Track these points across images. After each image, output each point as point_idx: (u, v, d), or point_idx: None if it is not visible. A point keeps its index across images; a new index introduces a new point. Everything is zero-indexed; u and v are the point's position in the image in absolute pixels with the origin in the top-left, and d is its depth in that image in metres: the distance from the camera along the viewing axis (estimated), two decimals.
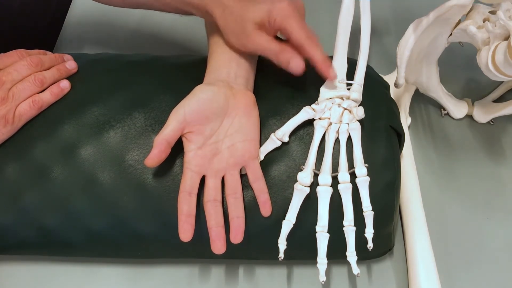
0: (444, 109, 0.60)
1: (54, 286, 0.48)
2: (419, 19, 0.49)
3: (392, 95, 0.52)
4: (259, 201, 0.43)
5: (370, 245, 0.43)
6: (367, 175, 0.44)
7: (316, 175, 0.44)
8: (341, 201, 0.44)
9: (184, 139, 0.43)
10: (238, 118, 0.44)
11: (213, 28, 0.50)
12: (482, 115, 0.59)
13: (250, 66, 0.47)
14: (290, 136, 0.45)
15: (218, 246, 0.41)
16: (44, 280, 0.49)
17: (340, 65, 0.48)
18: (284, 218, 0.43)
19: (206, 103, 0.43)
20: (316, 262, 0.43)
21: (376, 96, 0.49)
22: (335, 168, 0.45)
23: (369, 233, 0.44)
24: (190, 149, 0.43)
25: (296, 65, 0.43)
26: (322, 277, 0.43)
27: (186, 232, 0.41)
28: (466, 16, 0.50)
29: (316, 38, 0.43)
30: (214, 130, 0.43)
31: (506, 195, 0.55)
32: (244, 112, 0.44)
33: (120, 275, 0.49)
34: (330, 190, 0.43)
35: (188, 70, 0.50)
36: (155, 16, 0.71)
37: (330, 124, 0.45)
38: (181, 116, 0.42)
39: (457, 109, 0.59)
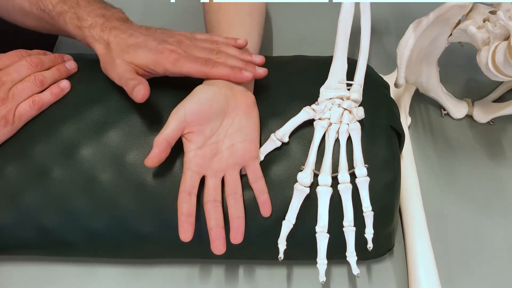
0: (444, 109, 0.60)
1: (54, 286, 0.48)
2: (419, 19, 0.49)
3: (392, 95, 0.52)
4: (259, 202, 0.43)
5: (370, 245, 0.43)
6: (367, 175, 0.44)
7: (316, 176, 0.44)
8: (341, 202, 0.44)
9: (184, 139, 0.43)
10: (238, 118, 0.44)
11: (213, 29, 0.50)
12: (482, 115, 0.59)
13: None
14: (290, 136, 0.45)
15: (218, 246, 0.41)
16: (44, 280, 0.49)
17: (340, 65, 0.48)
18: (284, 218, 0.43)
19: (207, 103, 0.43)
20: (316, 262, 0.43)
21: (376, 96, 0.49)
22: (335, 168, 0.45)
23: (369, 233, 0.44)
24: (190, 149, 0.43)
25: (137, 91, 0.41)
26: (322, 277, 0.43)
27: (186, 232, 0.41)
28: (466, 16, 0.50)
29: (211, 60, 0.44)
30: (214, 130, 0.43)
31: (506, 195, 0.54)
32: (244, 112, 0.44)
33: (120, 275, 0.49)
34: (330, 190, 0.43)
35: None
36: (155, 16, 0.71)
37: (330, 124, 0.45)
38: (182, 116, 0.42)
39: (457, 109, 0.59)
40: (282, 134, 0.45)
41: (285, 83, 0.49)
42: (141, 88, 0.41)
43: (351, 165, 0.44)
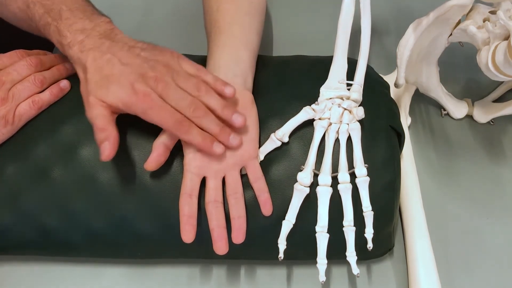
0: (444, 109, 0.60)
1: (54, 286, 0.48)
2: (419, 19, 0.49)
3: (392, 95, 0.52)
4: (260, 201, 0.43)
5: (370, 245, 0.43)
6: (367, 175, 0.44)
7: (316, 175, 0.44)
8: (341, 201, 0.44)
9: (183, 142, 0.43)
10: None
11: (212, 29, 0.50)
12: (482, 115, 0.59)
13: (248, 66, 0.47)
14: (290, 136, 0.45)
15: (220, 247, 0.41)
16: (44, 280, 0.49)
17: (340, 65, 0.48)
18: (284, 218, 0.43)
19: None
20: (316, 262, 0.43)
21: (376, 96, 0.49)
22: (335, 168, 0.45)
23: (369, 233, 0.44)
24: (188, 151, 0.43)
25: (103, 148, 0.39)
26: (322, 277, 0.43)
27: (188, 233, 0.41)
28: (466, 16, 0.50)
29: (185, 123, 0.40)
30: None
31: (506, 195, 0.55)
32: (242, 112, 0.44)
33: (120, 275, 0.49)
34: (330, 190, 0.43)
35: None
36: (155, 16, 0.71)
37: (330, 124, 0.45)
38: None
39: (457, 109, 0.59)
40: (282, 134, 0.45)
41: (285, 83, 0.49)
42: (106, 147, 0.39)
43: (351, 165, 0.44)
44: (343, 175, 0.44)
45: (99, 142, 0.40)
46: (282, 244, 0.43)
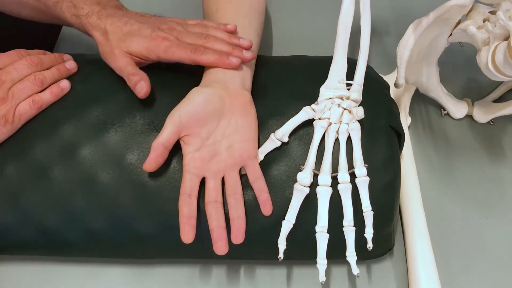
0: (444, 109, 0.60)
1: (54, 286, 0.48)
2: (419, 19, 0.49)
3: (392, 95, 0.52)
4: (260, 201, 0.43)
5: (370, 245, 0.43)
6: (367, 175, 0.44)
7: (315, 175, 0.44)
8: (341, 201, 0.44)
9: (181, 142, 0.43)
10: (235, 119, 0.44)
11: None
12: (482, 115, 0.59)
13: (247, 65, 0.47)
14: (290, 136, 0.45)
15: (220, 247, 0.41)
16: (44, 280, 0.49)
17: (340, 65, 0.48)
18: (284, 218, 0.43)
19: (201, 106, 0.43)
20: (316, 262, 0.43)
21: (376, 96, 0.49)
22: (334, 168, 0.45)
23: (368, 233, 0.44)
24: (187, 151, 0.43)
25: (140, 88, 0.44)
26: (322, 277, 0.43)
27: (187, 233, 0.41)
28: (466, 16, 0.50)
29: (200, 47, 0.45)
30: (211, 132, 0.43)
31: (506, 195, 0.55)
32: (241, 112, 0.44)
33: (120, 275, 0.49)
34: (330, 190, 0.43)
35: (188, 70, 0.50)
36: None
37: (330, 124, 0.45)
38: (177, 119, 0.42)
39: (457, 109, 0.59)
40: (282, 134, 0.45)
41: (285, 83, 0.49)
42: (143, 85, 0.44)
43: (351, 165, 0.44)
44: (343, 175, 0.44)
45: (134, 84, 0.44)
46: (282, 244, 0.43)
